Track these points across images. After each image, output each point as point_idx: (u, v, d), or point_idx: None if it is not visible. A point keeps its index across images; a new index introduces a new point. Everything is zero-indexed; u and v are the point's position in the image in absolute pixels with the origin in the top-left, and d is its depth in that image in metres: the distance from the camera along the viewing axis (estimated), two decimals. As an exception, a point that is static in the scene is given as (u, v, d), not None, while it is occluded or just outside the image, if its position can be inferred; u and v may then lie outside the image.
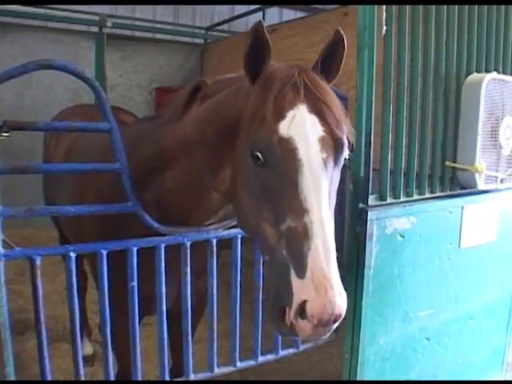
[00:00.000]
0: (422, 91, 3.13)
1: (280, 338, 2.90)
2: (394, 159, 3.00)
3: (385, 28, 2.79)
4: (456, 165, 3.32)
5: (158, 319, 2.46)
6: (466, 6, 3.29)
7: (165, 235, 2.37)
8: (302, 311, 1.68)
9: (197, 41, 9.03)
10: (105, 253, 2.26)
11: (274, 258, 1.83)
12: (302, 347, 3.04)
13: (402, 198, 3.06)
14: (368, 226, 2.82)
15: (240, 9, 9.59)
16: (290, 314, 1.72)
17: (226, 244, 2.63)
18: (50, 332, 4.53)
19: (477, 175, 3.25)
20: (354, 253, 2.90)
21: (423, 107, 3.14)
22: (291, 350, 3.01)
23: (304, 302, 1.67)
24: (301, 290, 1.69)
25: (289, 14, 10.34)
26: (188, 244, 2.40)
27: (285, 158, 1.83)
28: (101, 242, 2.29)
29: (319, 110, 1.89)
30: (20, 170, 2.18)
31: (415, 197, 3.15)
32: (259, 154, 1.86)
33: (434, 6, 3.10)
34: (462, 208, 3.33)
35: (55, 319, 5.03)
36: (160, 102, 8.62)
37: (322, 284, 1.66)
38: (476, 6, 3.34)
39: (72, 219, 2.97)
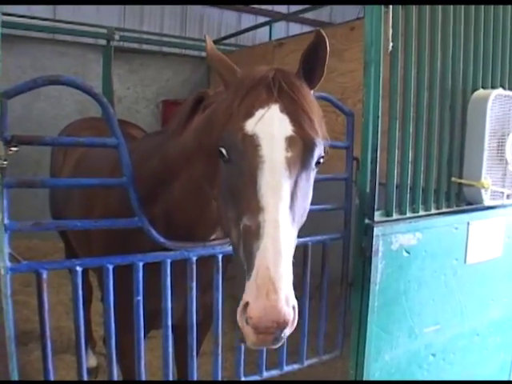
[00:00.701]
0: (428, 106, 3.13)
1: (285, 353, 2.88)
2: (400, 174, 3.00)
3: (391, 44, 2.80)
4: (462, 180, 3.32)
5: (164, 334, 2.45)
6: (473, 22, 3.31)
7: (171, 250, 2.37)
8: (244, 314, 1.61)
9: (204, 54, 9.07)
10: (111, 267, 2.26)
11: (236, 259, 1.80)
12: (306, 362, 3.02)
13: (408, 214, 3.06)
14: (374, 242, 2.82)
15: (247, 22, 9.67)
16: (237, 317, 1.66)
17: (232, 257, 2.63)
18: (54, 343, 4.50)
19: (483, 191, 3.24)
20: (359, 268, 2.89)
21: (429, 122, 3.14)
22: (296, 366, 2.99)
23: (247, 304, 1.60)
24: (246, 291, 1.62)
25: (295, 28, 10.41)
26: (194, 259, 2.40)
27: (247, 155, 1.82)
28: (107, 257, 2.29)
29: (292, 110, 1.88)
30: (27, 185, 2.19)
31: (421, 213, 3.14)
32: (223, 151, 1.87)
33: (440, 21, 3.11)
34: (468, 224, 3.33)
35: (59, 330, 5.02)
36: (167, 114, 8.65)
37: (264, 286, 1.57)
38: (482, 22, 3.36)
39: (79, 232, 2.98)
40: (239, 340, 1.76)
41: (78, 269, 2.23)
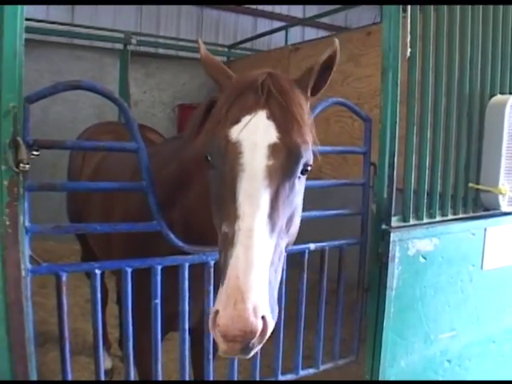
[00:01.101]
0: (446, 112, 3.12)
1: (300, 357, 2.89)
2: (418, 180, 3.00)
3: (409, 50, 2.80)
4: (479, 186, 3.30)
5: (181, 337, 2.47)
6: (491, 27, 3.29)
7: (189, 254, 2.38)
8: (215, 322, 1.59)
9: (220, 58, 9.11)
10: (129, 270, 2.28)
11: (219, 265, 1.79)
12: (322, 367, 3.02)
13: (425, 220, 3.05)
14: (390, 248, 2.81)
15: (262, 27, 9.70)
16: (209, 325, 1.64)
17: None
18: (70, 345, 4.56)
19: (500, 197, 3.23)
20: (375, 274, 2.89)
21: (447, 128, 3.14)
22: (311, 370, 2.99)
23: (217, 312, 1.58)
24: (218, 299, 1.61)
25: (311, 33, 10.42)
26: (212, 263, 2.41)
27: (228, 162, 1.81)
28: (125, 260, 2.31)
29: (280, 116, 1.86)
30: (48, 188, 2.22)
31: (438, 218, 3.13)
32: (209, 157, 1.89)
33: (458, 26, 3.11)
34: (485, 230, 3.31)
35: (75, 332, 5.05)
36: (183, 118, 8.68)
37: (233, 295, 1.56)
38: (500, 27, 3.34)
39: (100, 235, 3.00)
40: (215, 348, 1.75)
41: (97, 272, 2.25)
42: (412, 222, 2.99)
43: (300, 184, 1.92)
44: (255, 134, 1.82)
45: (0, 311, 2.07)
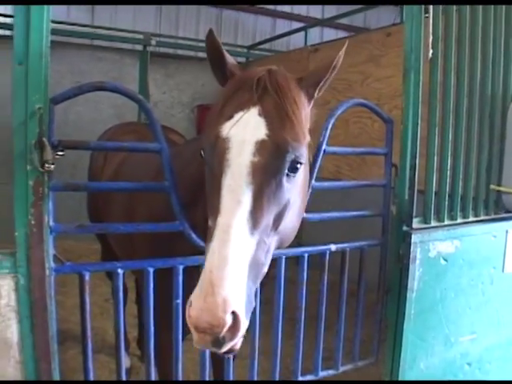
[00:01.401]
0: (468, 113, 3.10)
1: (320, 358, 2.88)
2: (439, 181, 2.98)
3: (431, 51, 2.79)
4: (501, 188, 3.28)
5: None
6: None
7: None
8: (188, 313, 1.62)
9: (239, 59, 9.14)
10: (151, 270, 2.30)
11: None
12: (341, 369, 3.01)
13: (446, 222, 3.04)
14: (411, 249, 2.81)
15: (281, 28, 9.70)
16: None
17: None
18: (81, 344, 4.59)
19: (522, 199, 3.21)
20: (396, 275, 2.89)
21: (468, 129, 3.12)
22: (331, 372, 2.98)
23: (190, 304, 1.61)
24: (195, 290, 1.63)
25: (330, 33, 10.41)
26: (233, 263, 2.41)
27: (217, 158, 1.83)
28: (148, 260, 2.33)
29: (271, 113, 1.86)
30: (72, 188, 2.25)
31: (459, 220, 3.12)
32: (202, 152, 1.92)
33: (480, 27, 3.09)
34: (507, 232, 3.29)
35: (94, 331, 5.03)
36: (201, 119, 8.70)
37: (204, 288, 1.59)
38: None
39: (122, 235, 3.02)
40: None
41: (120, 271, 2.27)
42: (433, 223, 2.98)
43: (290, 182, 1.89)
44: (244, 130, 1.84)
45: (24, 309, 2.10)
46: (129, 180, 2.93)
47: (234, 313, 1.58)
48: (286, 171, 1.85)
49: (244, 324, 1.63)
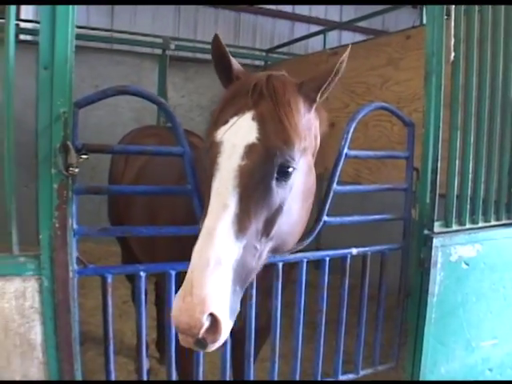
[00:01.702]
0: (490, 116, 3.08)
1: (340, 362, 2.87)
2: (460, 185, 2.96)
3: (453, 54, 2.78)
4: (523, 191, 3.25)
5: (223, 339, 2.48)
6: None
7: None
8: None
9: (257, 63, 9.15)
10: (173, 273, 2.31)
11: None
12: (361, 373, 3.00)
13: (468, 225, 3.01)
14: (433, 253, 2.80)
15: (299, 31, 9.70)
16: None
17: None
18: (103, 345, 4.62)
19: (545, 203, 3.17)
20: (417, 280, 2.87)
21: (490, 132, 3.09)
22: (351, 376, 2.96)
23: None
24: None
25: (348, 36, 10.39)
26: (255, 266, 2.41)
27: (209, 162, 1.86)
28: (170, 263, 2.34)
29: (265, 118, 1.87)
30: (95, 191, 2.28)
31: (480, 224, 3.09)
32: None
33: (502, 28, 3.06)
34: (529, 236, 3.25)
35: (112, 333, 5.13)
36: (220, 122, 8.72)
37: (184, 288, 1.61)
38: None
39: (144, 238, 3.04)
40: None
41: (142, 274, 2.28)
42: (454, 227, 2.96)
43: (282, 187, 1.87)
44: (236, 134, 1.85)
45: (48, 311, 2.12)
46: (150, 183, 2.95)
47: (212, 315, 1.59)
48: (275, 175, 1.84)
49: (225, 326, 1.63)
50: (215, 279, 1.62)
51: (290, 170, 1.86)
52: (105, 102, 2.24)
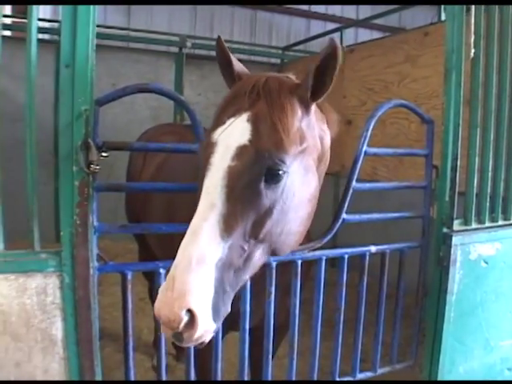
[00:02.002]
0: (510, 113, 3.05)
1: (358, 360, 2.87)
2: (480, 183, 2.94)
3: (473, 51, 2.76)
4: (543, 189, 3.21)
5: (241, 337, 2.48)
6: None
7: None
8: None
9: (273, 60, 9.15)
10: (192, 270, 2.31)
11: None
12: (379, 371, 2.99)
13: (487, 224, 2.99)
14: (452, 252, 2.78)
15: (316, 29, 9.68)
16: None
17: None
18: (123, 342, 4.65)
19: None
20: (436, 278, 2.86)
21: (510, 129, 3.06)
22: (369, 374, 2.96)
23: None
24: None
25: (364, 34, 10.35)
26: (274, 264, 2.41)
27: (203, 161, 1.88)
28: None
29: (259, 119, 1.86)
30: (116, 188, 2.29)
31: (500, 222, 3.07)
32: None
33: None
34: (549, 234, 3.22)
35: (130, 329, 5.16)
36: (236, 120, 8.75)
37: (167, 283, 1.65)
38: None
39: (162, 235, 3.05)
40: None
41: (162, 271, 2.29)
42: (474, 225, 2.94)
43: (271, 190, 1.85)
44: (230, 135, 1.86)
45: (69, 307, 2.14)
46: (169, 181, 2.96)
47: (190, 311, 1.61)
48: (264, 178, 1.83)
49: (202, 324, 1.64)
50: (196, 276, 1.64)
51: (281, 172, 1.84)
52: (121, 100, 2.25)
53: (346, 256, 2.66)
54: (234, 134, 1.86)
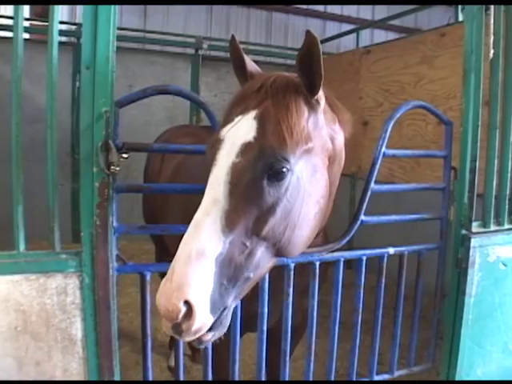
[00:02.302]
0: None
1: (375, 362, 2.86)
2: (499, 185, 2.92)
3: (492, 51, 2.74)
4: None
5: (258, 338, 2.48)
6: None
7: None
8: None
9: (289, 62, 9.15)
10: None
11: None
12: (396, 373, 2.98)
13: (506, 226, 2.96)
14: (470, 254, 2.76)
15: (331, 30, 9.67)
16: None
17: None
18: (140, 342, 4.67)
19: None
20: (454, 280, 2.84)
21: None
22: (386, 376, 2.95)
23: None
24: None
25: (380, 35, 10.33)
26: (292, 266, 2.41)
27: (210, 158, 1.91)
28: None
29: (264, 117, 1.89)
30: (136, 190, 2.31)
31: (519, 224, 3.04)
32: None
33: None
34: None
35: (147, 330, 5.19)
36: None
37: (167, 275, 1.69)
38: None
39: (180, 236, 3.05)
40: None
41: (180, 271, 2.30)
42: (493, 227, 2.91)
43: (274, 187, 1.85)
44: (237, 133, 1.89)
45: (88, 307, 2.16)
46: (186, 182, 2.97)
47: (188, 302, 1.64)
48: (267, 175, 1.84)
49: (200, 315, 1.67)
50: (195, 269, 1.67)
51: (284, 170, 1.85)
52: (139, 102, 2.27)
53: (364, 258, 2.65)
54: (241, 131, 1.89)
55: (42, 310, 2.12)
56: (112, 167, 2.04)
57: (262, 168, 1.83)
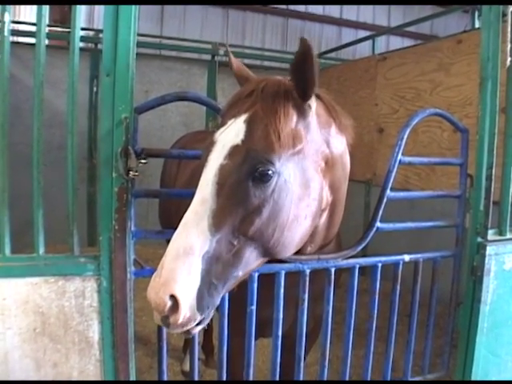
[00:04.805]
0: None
1: (390, 369, 2.85)
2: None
3: (509, 59, 2.74)
4: None
5: (273, 343, 2.49)
6: None
7: (285, 262, 2.39)
8: None
9: (304, 68, 9.15)
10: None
11: None
12: (410, 379, 2.97)
13: (522, 234, 2.96)
14: (486, 261, 2.76)
15: (347, 37, 9.68)
16: None
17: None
18: (153, 346, 4.70)
19: None
20: (470, 288, 2.83)
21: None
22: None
23: None
24: None
25: (396, 41, 10.33)
26: (308, 272, 2.42)
27: (203, 159, 1.99)
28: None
29: (253, 121, 1.94)
30: (153, 195, 2.34)
31: (535, 232, 3.02)
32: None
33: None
34: None
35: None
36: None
37: (157, 270, 1.76)
38: None
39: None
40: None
41: (196, 276, 2.31)
42: (509, 235, 2.90)
43: (260, 189, 1.89)
44: (227, 135, 1.96)
45: (106, 310, 2.19)
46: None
47: (174, 296, 1.71)
48: (252, 177, 1.88)
49: (185, 309, 1.74)
50: (182, 265, 1.74)
51: (269, 172, 1.88)
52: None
53: (380, 265, 2.65)
54: (231, 134, 1.95)
55: (60, 313, 2.16)
56: (131, 173, 2.07)
57: (248, 170, 1.88)
